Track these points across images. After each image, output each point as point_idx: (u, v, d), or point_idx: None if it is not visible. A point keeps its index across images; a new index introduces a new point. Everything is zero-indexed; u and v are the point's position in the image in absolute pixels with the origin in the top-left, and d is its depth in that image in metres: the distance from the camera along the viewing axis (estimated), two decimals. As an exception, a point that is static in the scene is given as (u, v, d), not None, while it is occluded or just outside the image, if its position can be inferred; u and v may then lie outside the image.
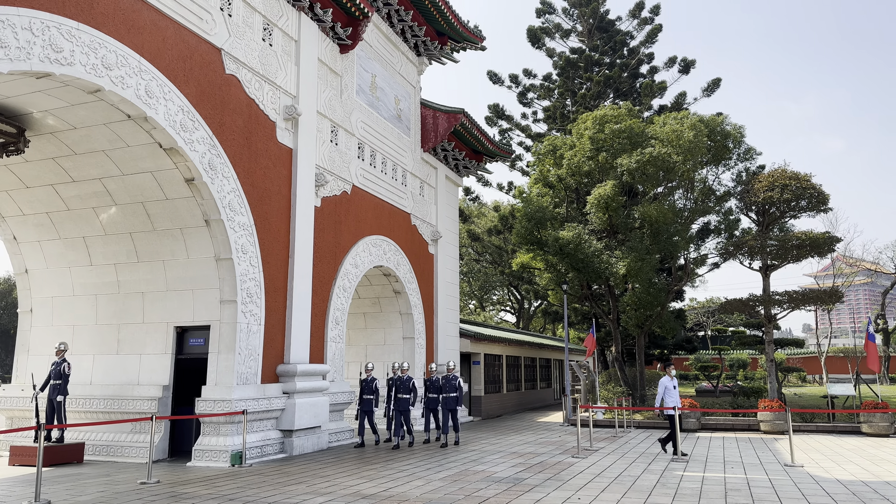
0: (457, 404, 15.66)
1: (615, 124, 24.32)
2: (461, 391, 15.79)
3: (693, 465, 12.44)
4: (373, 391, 15.77)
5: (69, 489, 9.85)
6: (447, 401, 15.69)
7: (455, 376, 15.88)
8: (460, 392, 15.78)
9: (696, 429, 20.09)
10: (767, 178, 24.56)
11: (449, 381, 15.82)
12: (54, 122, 12.11)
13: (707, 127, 24.16)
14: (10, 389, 14.84)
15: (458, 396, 15.71)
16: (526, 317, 54.97)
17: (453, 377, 15.85)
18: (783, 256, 24.43)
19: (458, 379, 15.85)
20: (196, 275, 13.85)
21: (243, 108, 14.13)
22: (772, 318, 24.78)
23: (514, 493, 9.54)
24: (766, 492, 9.67)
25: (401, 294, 21.11)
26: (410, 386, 15.72)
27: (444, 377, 15.94)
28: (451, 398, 15.70)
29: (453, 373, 15.98)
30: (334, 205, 17.34)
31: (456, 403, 15.66)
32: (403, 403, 15.52)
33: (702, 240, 28.95)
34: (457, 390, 15.72)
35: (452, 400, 15.68)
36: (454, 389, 15.71)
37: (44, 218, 14.53)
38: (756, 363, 57.05)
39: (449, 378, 15.87)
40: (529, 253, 27.23)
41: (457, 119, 22.24)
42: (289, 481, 10.64)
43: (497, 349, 28.35)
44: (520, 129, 38.58)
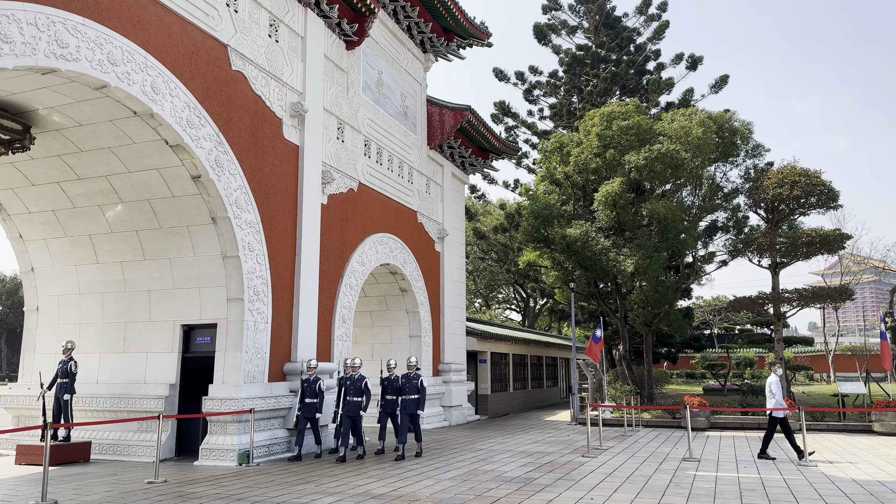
0: (418, 408, 13.43)
1: (623, 121, 24.14)
2: (424, 392, 13.58)
3: (705, 465, 12.29)
4: (316, 393, 13.60)
5: (76, 489, 9.77)
6: (406, 404, 13.44)
7: (417, 374, 13.69)
8: (422, 393, 13.53)
9: (706, 427, 19.92)
10: (776, 174, 24.36)
11: (410, 380, 13.60)
12: (60, 118, 12.02)
13: (715, 123, 23.97)
14: (17, 388, 14.78)
15: (419, 399, 13.49)
16: (532, 315, 54.81)
17: (415, 375, 13.66)
18: (793, 254, 24.23)
19: (420, 378, 13.64)
20: (203, 273, 13.76)
21: (249, 104, 14.02)
22: (781, 316, 24.58)
23: (526, 492, 9.41)
24: (782, 492, 9.52)
25: (407, 292, 20.99)
26: (362, 387, 13.54)
27: (405, 376, 13.77)
28: (411, 401, 13.45)
29: (415, 370, 13.87)
30: (341, 202, 17.23)
31: (417, 407, 13.43)
32: (353, 408, 13.30)
33: (710, 237, 28.77)
34: (419, 391, 13.51)
35: (413, 403, 13.45)
36: (415, 390, 13.51)
37: (50, 216, 14.46)
38: (763, 361, 56.78)
39: (410, 377, 13.67)
40: (536, 251, 27.06)
41: (463, 116, 22.10)
42: (297, 480, 10.54)
43: (503, 347, 28.21)
44: (526, 126, 38.42)
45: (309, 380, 13.67)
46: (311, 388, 13.57)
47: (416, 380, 13.57)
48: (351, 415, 13.25)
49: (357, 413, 13.28)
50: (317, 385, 13.56)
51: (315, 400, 13.52)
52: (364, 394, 13.45)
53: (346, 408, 13.32)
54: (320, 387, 13.57)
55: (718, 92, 36.73)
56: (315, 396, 13.53)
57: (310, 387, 13.58)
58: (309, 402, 13.50)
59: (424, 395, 13.47)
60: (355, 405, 13.31)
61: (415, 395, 13.45)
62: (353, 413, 13.26)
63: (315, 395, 13.54)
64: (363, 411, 13.35)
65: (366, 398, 13.43)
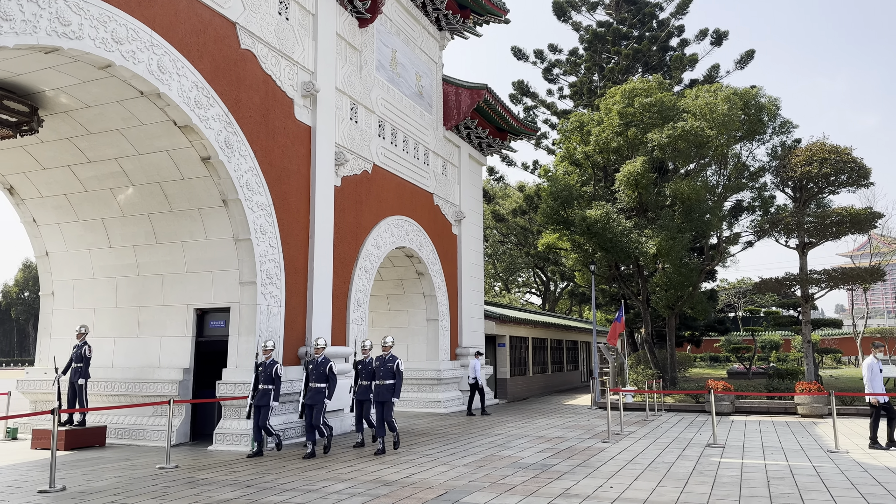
0: (392, 394, 11.85)
1: (645, 98, 23.46)
2: (400, 377, 11.98)
3: (730, 452, 11.88)
4: (272, 378, 11.77)
5: (86, 474, 9.67)
6: (380, 390, 11.87)
7: (392, 357, 12.10)
8: (398, 378, 11.95)
9: (731, 412, 19.45)
10: (805, 151, 23.54)
11: (385, 363, 12.04)
12: (67, 100, 11.83)
13: (741, 100, 23.18)
14: (34, 373, 14.80)
15: (394, 384, 11.87)
16: (552, 299, 54.33)
17: (390, 358, 12.09)
18: (821, 234, 23.46)
19: (396, 361, 12.07)
20: (215, 256, 13.57)
21: (259, 84, 13.72)
22: (809, 298, 23.89)
23: (543, 480, 9.11)
24: (812, 480, 9.10)
25: (424, 275, 20.70)
26: (325, 371, 11.95)
27: (380, 358, 12.15)
28: (384, 387, 11.85)
29: (391, 352, 12.28)
30: (355, 184, 16.93)
31: (391, 393, 11.84)
32: (316, 395, 11.77)
33: (735, 218, 28.02)
34: (394, 376, 11.93)
35: (386, 389, 11.83)
36: (390, 375, 11.93)
37: (62, 200, 14.36)
38: (789, 344, 55.75)
39: (385, 360, 12.09)
40: (555, 233, 26.57)
41: (480, 95, 21.62)
42: (309, 466, 10.35)
43: (523, 331, 27.87)
44: (545, 106, 37.72)
45: (264, 363, 11.93)
46: (267, 372, 11.81)
47: (391, 363, 12.03)
48: (311, 402, 11.67)
49: (320, 401, 11.69)
50: (273, 369, 11.79)
51: (270, 386, 11.74)
52: (328, 379, 11.93)
53: (308, 395, 11.79)
54: (277, 372, 11.81)
55: (744, 68, 35.70)
56: (270, 382, 11.77)
57: (265, 371, 11.83)
58: (263, 389, 11.75)
59: (400, 380, 11.95)
60: (317, 393, 11.74)
61: (389, 381, 11.88)
62: (315, 401, 11.67)
63: (270, 381, 11.78)
64: (328, 398, 11.82)
65: (330, 384, 11.91)
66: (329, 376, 11.91)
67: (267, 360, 11.94)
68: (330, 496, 8.13)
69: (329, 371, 11.94)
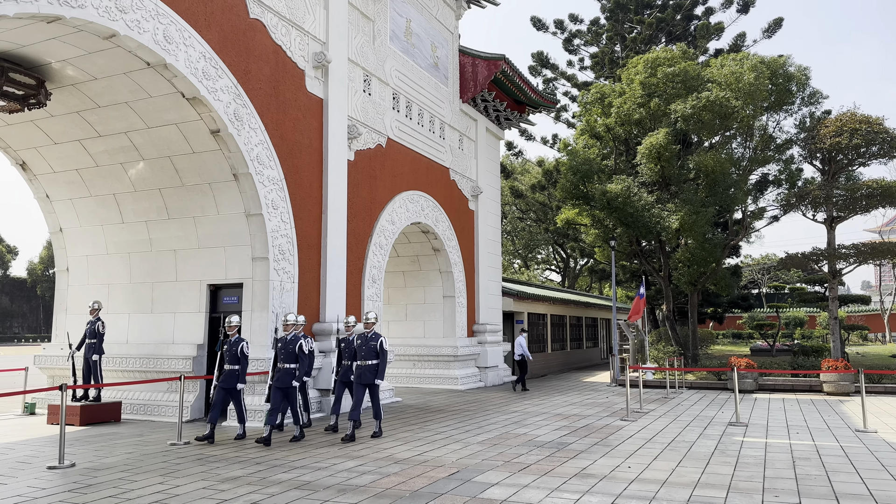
0: (376, 376, 10.73)
1: (668, 67, 22.72)
2: (384, 356, 10.87)
3: (754, 430, 11.53)
4: (237, 358, 10.58)
5: (98, 450, 9.62)
6: (362, 371, 10.77)
7: (376, 335, 10.97)
8: (382, 358, 10.84)
9: (753, 389, 19.03)
10: (835, 122, 22.72)
11: (367, 341, 10.90)
12: (74, 72, 11.62)
13: (769, 69, 22.35)
14: (50, 348, 14.85)
15: (377, 365, 10.78)
16: (572, 276, 53.83)
17: (373, 336, 10.95)
18: (851, 207, 22.72)
19: (380, 339, 10.91)
20: (227, 231, 13.40)
21: (269, 55, 13.40)
22: (836, 274, 23.23)
23: (558, 459, 8.86)
24: (840, 461, 8.73)
25: (440, 252, 20.41)
26: (296, 350, 10.77)
27: (362, 336, 11.06)
28: (367, 368, 10.76)
29: (374, 329, 11.15)
30: (369, 158, 16.61)
31: (374, 375, 10.72)
32: (285, 377, 10.57)
33: (760, 192, 27.27)
34: (377, 356, 10.83)
35: (369, 370, 10.74)
36: (373, 354, 10.82)
37: (74, 175, 14.25)
38: (814, 321, 54.80)
39: (367, 338, 10.95)
40: (575, 208, 26.06)
41: (497, 66, 21.08)
42: (321, 443, 10.21)
43: (541, 308, 27.55)
44: (565, 78, 36.93)
45: (230, 341, 10.73)
46: (231, 351, 10.64)
47: (374, 341, 10.90)
48: (281, 385, 10.54)
49: (289, 383, 10.56)
50: (238, 348, 10.59)
51: (235, 367, 10.58)
52: (300, 358, 10.82)
53: (277, 377, 10.61)
54: (243, 350, 10.62)
55: (771, 36, 34.55)
56: (236, 362, 10.60)
57: (230, 350, 10.66)
58: (228, 370, 10.61)
59: (385, 360, 10.89)
60: (286, 375, 10.61)
61: (372, 361, 10.80)
62: (284, 384, 10.55)
63: (236, 361, 10.61)
64: (297, 381, 10.72)
65: (302, 365, 10.81)
66: (301, 355, 10.83)
67: (233, 337, 10.75)
68: (340, 474, 7.96)
69: (300, 350, 10.82)
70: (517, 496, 6.87)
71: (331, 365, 14.06)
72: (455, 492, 7.06)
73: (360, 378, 10.79)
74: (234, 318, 10.83)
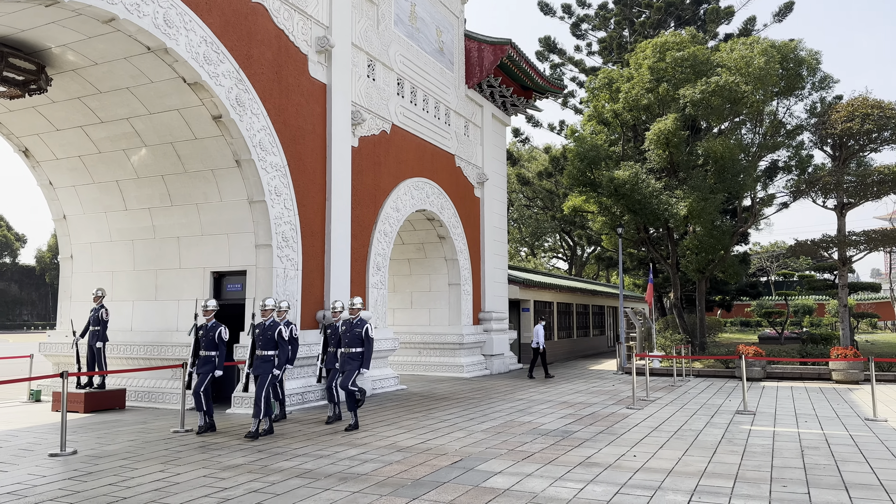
0: (361, 365, 10.26)
1: (677, 52, 22.40)
2: (370, 344, 10.33)
3: (762, 419, 11.40)
4: (214, 343, 10.14)
5: (101, 437, 9.60)
6: (346, 359, 10.35)
7: (361, 321, 10.42)
8: (367, 345, 10.31)
9: (762, 378, 18.88)
10: (846, 107, 22.40)
11: (352, 328, 10.44)
12: (74, 57, 11.50)
13: (779, 53, 22.01)
14: (55, 336, 14.85)
15: (363, 353, 10.29)
16: (579, 263, 53.62)
17: (358, 322, 10.43)
18: (861, 193, 22.45)
19: (365, 325, 10.38)
20: (230, 218, 13.30)
21: (272, 39, 13.23)
22: (846, 261, 22.98)
23: (562, 447, 8.76)
24: (849, 450, 8.60)
25: (445, 239, 20.28)
26: (275, 337, 9.91)
27: (347, 322, 10.58)
28: (351, 355, 10.31)
29: (359, 315, 10.58)
30: (373, 145, 16.46)
31: (360, 364, 10.26)
32: (263, 366, 9.82)
33: (770, 178, 26.96)
34: (362, 343, 10.33)
35: (353, 358, 10.31)
36: (357, 341, 10.33)
37: (76, 162, 14.17)
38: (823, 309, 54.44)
39: (352, 324, 10.47)
40: (582, 195, 25.86)
41: (503, 51, 20.82)
42: (324, 431, 10.15)
43: (548, 296, 27.42)
44: (573, 63, 36.54)
45: (206, 326, 10.21)
46: (209, 336, 10.14)
47: (359, 328, 10.40)
48: (258, 373, 9.79)
49: (268, 371, 9.77)
50: (216, 333, 10.10)
51: (213, 353, 10.10)
52: (280, 346, 9.96)
53: (255, 365, 9.89)
54: (221, 335, 10.13)
55: (782, 21, 34.06)
56: (213, 348, 10.14)
57: (206, 335, 10.16)
58: (204, 356, 10.12)
59: (370, 348, 10.37)
60: (265, 363, 9.83)
61: (356, 348, 10.35)
62: (261, 371, 9.78)
63: (213, 347, 10.14)
64: (277, 369, 9.87)
65: (282, 352, 9.94)
66: (280, 342, 9.94)
67: (208, 322, 10.26)
68: (342, 462, 7.90)
69: (279, 336, 9.94)
70: (520, 485, 6.78)
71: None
72: (457, 480, 6.97)
73: (344, 366, 10.37)
74: (212, 302, 10.32)
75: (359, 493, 6.51)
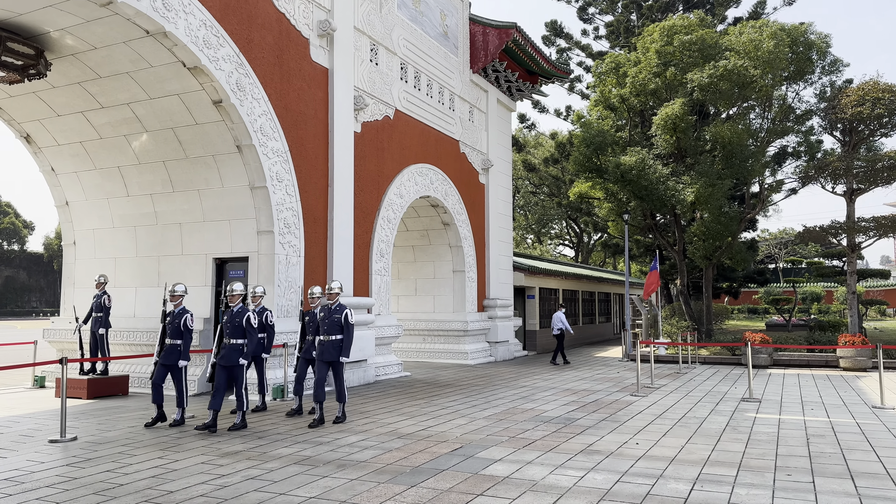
0: (340, 353, 9.46)
1: (685, 35, 22.08)
2: (349, 331, 9.51)
3: (767, 407, 11.29)
4: (179, 331, 9.34)
5: (101, 423, 9.59)
6: (324, 348, 9.49)
7: (340, 307, 9.63)
8: (347, 332, 9.50)
9: (768, 365, 18.75)
10: (857, 91, 22.05)
11: (330, 314, 9.60)
12: (73, 41, 11.39)
13: (789, 36, 21.65)
14: (59, 322, 14.86)
15: (343, 341, 9.49)
16: (585, 251, 53.41)
17: (337, 308, 9.62)
18: (871, 179, 22.15)
19: (344, 311, 9.55)
20: (232, 204, 13.22)
21: (272, 23, 13.07)
22: (855, 248, 22.73)
23: (564, 435, 8.68)
24: (856, 439, 8.48)
25: (450, 226, 20.16)
26: (243, 324, 9.26)
27: (325, 308, 9.76)
28: (330, 344, 9.48)
29: (338, 301, 9.79)
30: (376, 130, 16.31)
31: (339, 352, 9.46)
32: (231, 355, 9.16)
33: (778, 164, 26.66)
34: (341, 330, 9.51)
35: (333, 346, 9.47)
36: (337, 328, 9.50)
37: (78, 147, 14.10)
38: (831, 296, 54.07)
39: (330, 310, 9.64)
40: (588, 182, 25.65)
41: (508, 35, 20.56)
42: (326, 417, 10.10)
43: (553, 283, 27.29)
44: (579, 47, 36.16)
45: (173, 313, 9.42)
46: (175, 324, 9.36)
47: (337, 314, 9.56)
48: (226, 363, 9.16)
49: (234, 362, 9.15)
50: (182, 320, 9.33)
51: (178, 341, 9.35)
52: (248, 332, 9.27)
53: (221, 355, 9.26)
54: (186, 323, 9.35)
55: (792, 4, 33.54)
56: (178, 336, 9.35)
57: (172, 322, 9.38)
58: (170, 344, 9.37)
59: (350, 335, 9.54)
60: (232, 351, 9.20)
61: (336, 336, 9.50)
62: (230, 362, 9.16)
63: (178, 335, 9.35)
64: (244, 359, 9.22)
65: (251, 340, 9.27)
66: (248, 329, 9.30)
67: (177, 308, 9.49)
68: (341, 449, 7.85)
69: (247, 322, 9.29)
70: (520, 473, 6.71)
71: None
72: (457, 468, 6.91)
73: (322, 355, 9.51)
74: (180, 286, 9.52)
75: (357, 480, 6.45)
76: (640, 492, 6.04)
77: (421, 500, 5.80)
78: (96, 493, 6.00)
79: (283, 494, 5.97)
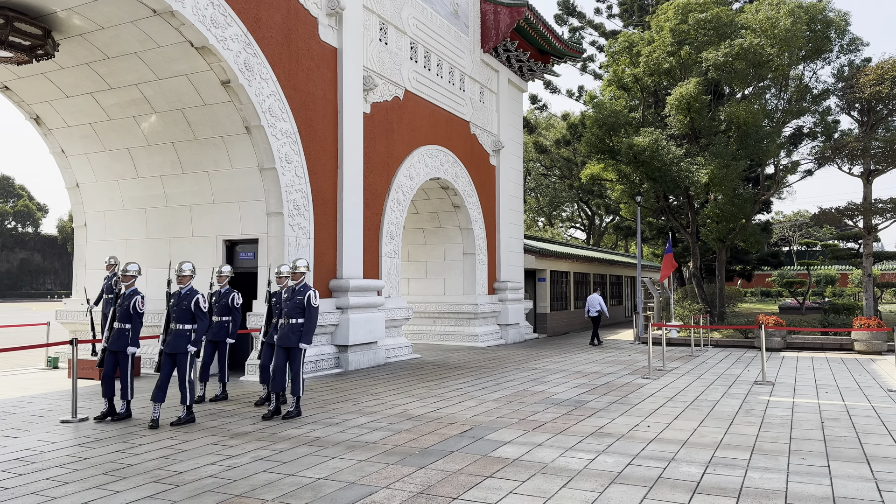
0: (300, 339, 8.59)
1: (700, 13, 21.66)
2: (312, 314, 8.68)
3: (780, 390, 11.17)
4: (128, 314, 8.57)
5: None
6: (285, 332, 8.68)
7: (305, 287, 8.85)
8: (309, 316, 8.67)
9: (782, 348, 18.58)
10: (876, 70, 21.60)
11: (293, 295, 8.80)
12: (80, 21, 11.30)
13: (807, 14, 21.17)
14: (71, 304, 14.94)
15: (304, 326, 8.65)
16: (597, 233, 53.10)
17: (301, 289, 8.82)
18: (890, 159, 21.76)
19: (308, 292, 8.75)
20: (241, 186, 13.17)
21: (280, 1, 12.91)
22: (872, 229, 22.41)
23: (574, 417, 8.62)
24: (871, 422, 8.36)
25: (460, 208, 20.03)
26: (191, 307, 8.45)
27: (288, 290, 8.92)
28: (290, 328, 8.67)
29: (303, 281, 8.94)
30: (385, 111, 16.16)
31: (299, 337, 8.61)
32: (178, 341, 8.39)
33: (794, 145, 26.24)
34: (303, 313, 8.70)
35: (293, 331, 8.65)
36: (298, 311, 8.70)
37: (87, 129, 14.07)
38: (846, 279, 53.54)
39: (294, 291, 8.84)
40: (600, 163, 25.39)
41: (520, 13, 20.25)
42: (336, 399, 10.11)
43: (564, 266, 27.14)
44: (592, 26, 35.65)
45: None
46: (123, 306, 8.58)
47: (300, 295, 8.77)
48: (172, 350, 8.41)
49: (183, 349, 8.40)
50: (131, 303, 8.55)
51: (126, 326, 8.54)
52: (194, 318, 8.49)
53: (168, 341, 8.46)
54: (136, 306, 8.57)
55: (811, -19, 32.71)
56: (127, 320, 8.55)
57: (121, 305, 8.59)
58: (119, 328, 8.56)
59: (314, 319, 8.69)
60: (179, 338, 8.43)
61: (297, 319, 8.69)
62: (177, 349, 8.41)
63: (127, 319, 8.55)
64: (192, 346, 8.45)
65: (199, 325, 8.48)
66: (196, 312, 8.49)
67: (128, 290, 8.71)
68: (351, 430, 7.83)
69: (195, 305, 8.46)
70: (530, 455, 6.65)
71: (347, 321, 13.96)
72: (466, 450, 6.87)
73: (281, 340, 8.68)
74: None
75: (366, 461, 6.42)
76: (652, 475, 5.97)
77: (430, 481, 5.76)
78: (106, 474, 6.01)
79: (292, 475, 5.95)
